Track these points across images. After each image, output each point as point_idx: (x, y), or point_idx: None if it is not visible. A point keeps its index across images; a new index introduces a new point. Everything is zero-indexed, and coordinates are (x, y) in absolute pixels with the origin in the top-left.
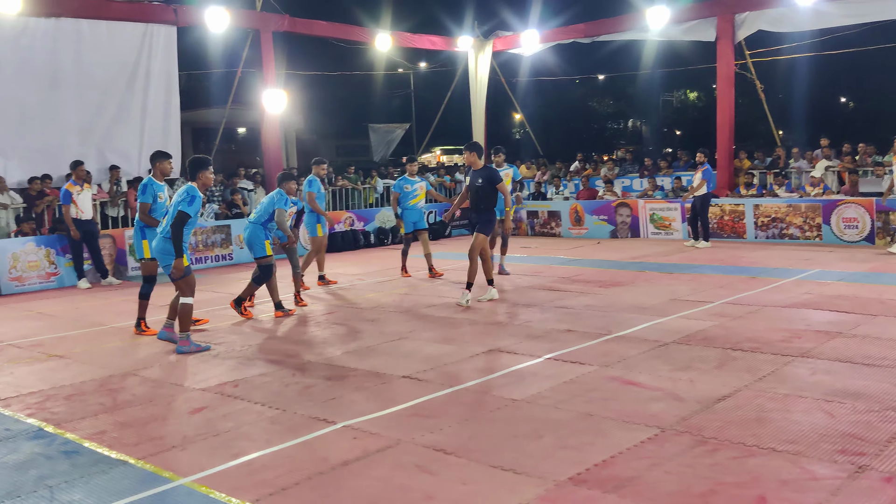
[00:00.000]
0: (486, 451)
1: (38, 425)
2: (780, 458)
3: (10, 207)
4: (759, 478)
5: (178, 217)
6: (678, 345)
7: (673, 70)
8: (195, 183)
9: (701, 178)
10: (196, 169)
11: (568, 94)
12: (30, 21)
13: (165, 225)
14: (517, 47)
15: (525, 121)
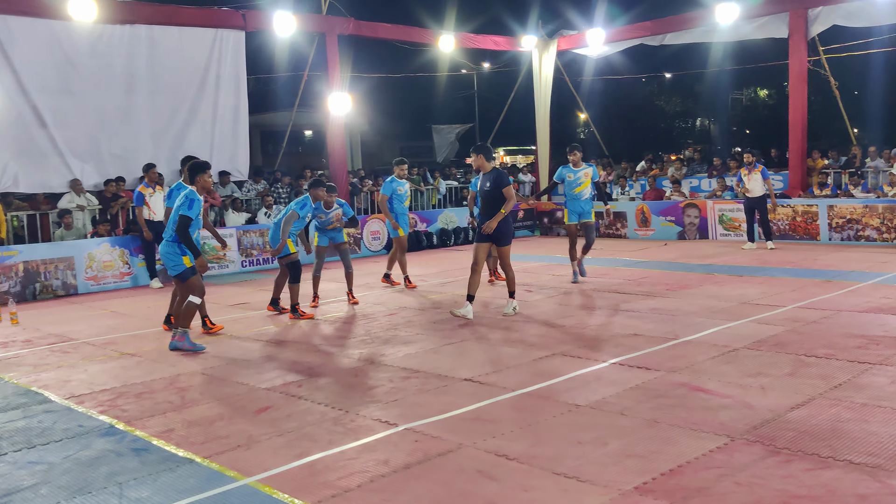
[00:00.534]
0: (550, 458)
1: (110, 422)
2: (858, 472)
3: (86, 209)
4: (834, 491)
5: (181, 221)
6: (749, 350)
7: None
8: (194, 186)
9: (762, 178)
10: (194, 173)
11: (634, 93)
12: (105, 28)
13: (169, 230)
14: (582, 47)
15: (590, 120)
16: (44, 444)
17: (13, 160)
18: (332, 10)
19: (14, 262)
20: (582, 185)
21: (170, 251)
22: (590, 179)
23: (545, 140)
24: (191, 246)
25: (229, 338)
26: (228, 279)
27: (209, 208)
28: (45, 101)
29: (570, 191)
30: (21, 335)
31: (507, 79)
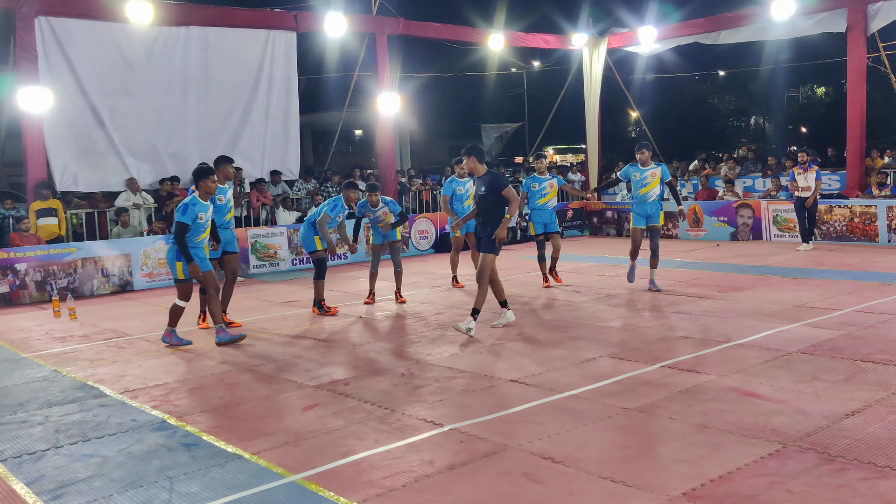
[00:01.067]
0: (596, 461)
1: (162, 417)
2: None
3: (142, 208)
4: (891, 502)
5: (176, 227)
6: (803, 355)
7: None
8: (196, 191)
9: (816, 179)
10: (197, 178)
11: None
12: (161, 30)
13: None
14: (633, 45)
15: (641, 119)
16: (98, 438)
17: (73, 160)
18: (382, 11)
19: (73, 259)
20: (648, 185)
21: (172, 254)
22: (658, 180)
23: (595, 138)
24: (184, 250)
25: (278, 335)
26: (279, 277)
27: (261, 207)
28: (104, 102)
29: (635, 192)
30: (79, 330)
31: (556, 77)
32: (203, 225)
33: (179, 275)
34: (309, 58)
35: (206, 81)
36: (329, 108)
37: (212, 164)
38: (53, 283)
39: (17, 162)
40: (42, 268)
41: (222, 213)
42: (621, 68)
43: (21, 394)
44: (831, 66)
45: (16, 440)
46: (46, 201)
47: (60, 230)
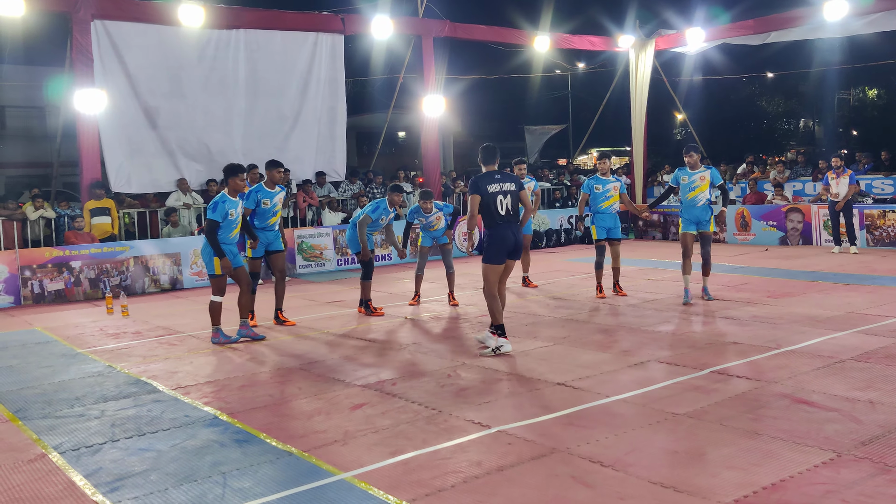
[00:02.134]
0: (645, 466)
1: (214, 413)
2: None
3: (192, 207)
4: None
5: (207, 225)
6: (856, 362)
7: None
8: (225, 189)
9: (849, 183)
10: (227, 175)
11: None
12: (213, 33)
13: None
14: (681, 46)
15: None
16: (153, 433)
17: (127, 161)
18: (429, 13)
19: (125, 258)
20: (697, 189)
21: (207, 250)
22: (707, 184)
23: (640, 141)
24: (216, 246)
25: (326, 335)
26: (325, 277)
27: (307, 208)
28: (157, 104)
29: (683, 196)
30: (131, 327)
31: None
32: (234, 222)
33: (217, 270)
34: (355, 60)
35: (255, 83)
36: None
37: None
38: (106, 281)
39: (72, 162)
40: (95, 266)
41: (266, 217)
42: (668, 70)
43: (77, 388)
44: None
45: (74, 433)
46: (100, 201)
47: (113, 229)
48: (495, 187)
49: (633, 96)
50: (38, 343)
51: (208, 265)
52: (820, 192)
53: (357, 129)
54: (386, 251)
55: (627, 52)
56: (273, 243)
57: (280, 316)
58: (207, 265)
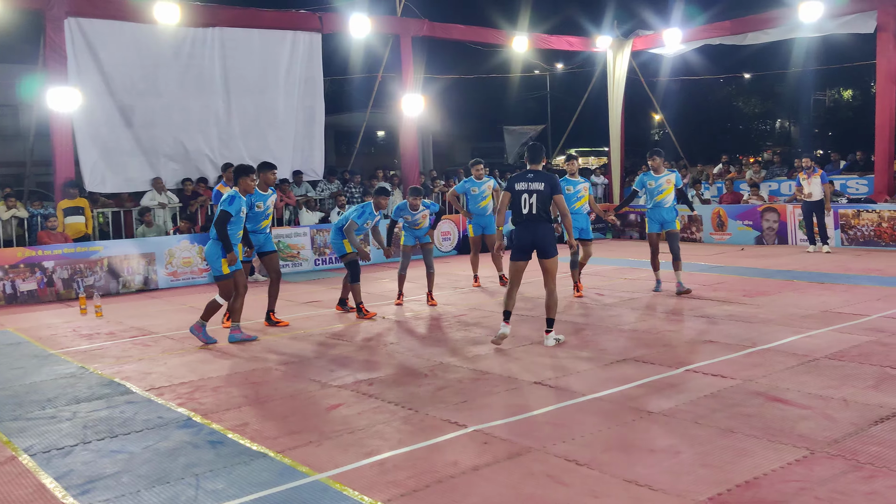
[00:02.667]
0: (621, 465)
1: (188, 415)
2: None
3: (167, 207)
4: None
5: (221, 216)
6: (830, 360)
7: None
8: (237, 187)
9: (820, 182)
10: (238, 175)
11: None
12: (189, 31)
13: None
14: (658, 47)
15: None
16: (125, 434)
17: (101, 160)
18: (407, 12)
19: (99, 257)
20: (664, 192)
21: (214, 251)
22: (672, 186)
23: (618, 142)
24: (226, 240)
25: (303, 334)
26: (302, 277)
27: (284, 207)
28: (132, 102)
29: (651, 200)
30: (105, 328)
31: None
32: (242, 220)
33: (224, 270)
34: (333, 59)
35: (232, 82)
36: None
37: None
38: (80, 281)
39: (45, 161)
40: (69, 266)
41: (258, 220)
42: (646, 71)
43: (49, 390)
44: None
45: (45, 435)
46: (74, 200)
47: (87, 229)
48: (523, 185)
49: (611, 97)
50: (10, 344)
51: (214, 266)
52: (795, 193)
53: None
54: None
55: (605, 52)
56: (265, 245)
57: (272, 317)
58: (213, 266)
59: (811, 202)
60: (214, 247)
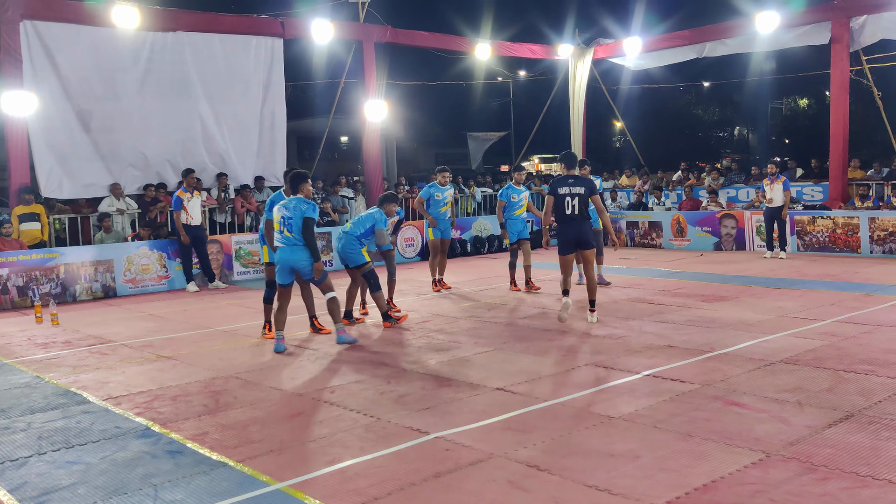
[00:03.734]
0: (581, 470)
1: (146, 424)
2: None
3: (126, 213)
4: None
5: (307, 223)
6: (786, 365)
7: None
8: (300, 194)
9: (783, 189)
10: (297, 182)
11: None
12: (148, 35)
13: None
14: (619, 56)
15: (626, 129)
16: (82, 445)
17: (58, 165)
18: (370, 18)
19: (55, 265)
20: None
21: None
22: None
23: (579, 148)
24: (314, 245)
25: (263, 343)
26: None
27: (245, 213)
28: (90, 107)
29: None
30: (61, 336)
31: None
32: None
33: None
34: (296, 64)
35: (193, 87)
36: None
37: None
38: (36, 289)
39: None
40: (24, 273)
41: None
42: (607, 79)
43: (3, 400)
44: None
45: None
46: (29, 206)
47: (43, 235)
48: (565, 189)
49: (573, 104)
50: None
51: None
52: (754, 199)
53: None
54: (327, 257)
55: (567, 60)
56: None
57: (316, 323)
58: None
59: (773, 208)
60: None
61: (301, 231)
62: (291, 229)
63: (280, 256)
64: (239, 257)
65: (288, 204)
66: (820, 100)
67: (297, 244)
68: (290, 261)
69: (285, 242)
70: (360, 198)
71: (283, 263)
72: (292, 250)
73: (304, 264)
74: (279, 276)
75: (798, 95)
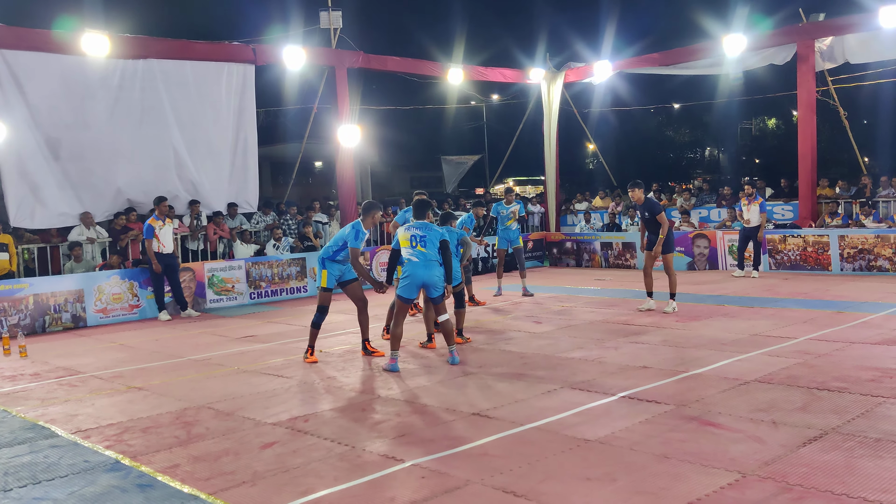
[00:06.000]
0: (558, 494)
1: (115, 457)
2: None
3: (96, 242)
4: None
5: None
6: (760, 384)
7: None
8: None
9: (760, 210)
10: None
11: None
12: (119, 63)
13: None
14: (590, 77)
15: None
16: (49, 480)
17: (29, 194)
18: (342, 44)
19: (24, 295)
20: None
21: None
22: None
23: (553, 170)
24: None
25: (236, 372)
26: (236, 312)
27: (218, 240)
28: (60, 135)
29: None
30: (29, 368)
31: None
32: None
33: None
34: (268, 90)
35: (164, 114)
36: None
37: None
38: (4, 320)
39: None
40: None
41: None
42: (579, 101)
43: None
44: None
45: None
46: None
47: (12, 266)
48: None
49: (546, 127)
50: None
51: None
52: (725, 219)
53: (271, 159)
54: (301, 283)
55: (539, 84)
56: (345, 274)
57: (368, 346)
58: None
59: (749, 228)
60: (439, 270)
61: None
62: (426, 245)
63: (413, 271)
64: (212, 285)
65: (416, 225)
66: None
67: (431, 260)
68: (424, 276)
69: (420, 258)
70: (335, 223)
71: (416, 280)
72: (427, 266)
73: (436, 279)
74: (407, 291)
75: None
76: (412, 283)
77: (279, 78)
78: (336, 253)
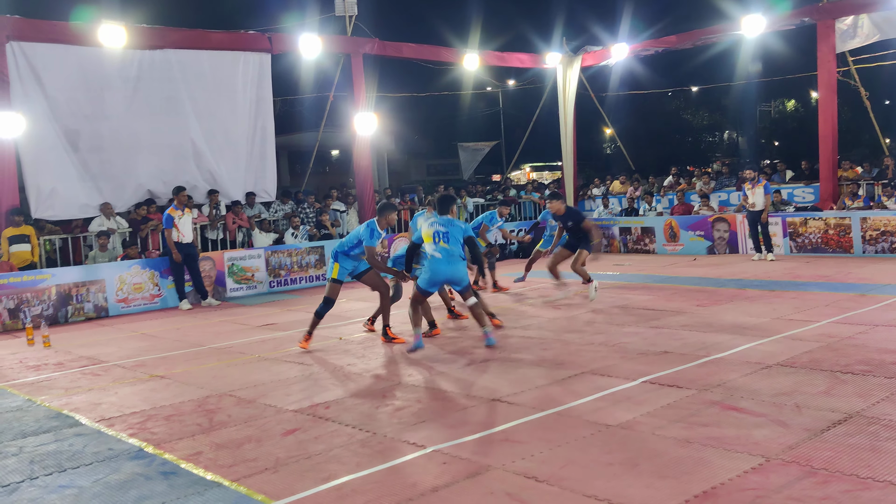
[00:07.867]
0: (580, 480)
1: (139, 445)
2: None
3: (116, 232)
4: None
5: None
6: (782, 367)
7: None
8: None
9: (764, 193)
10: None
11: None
12: (136, 54)
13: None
14: (606, 60)
15: (616, 135)
16: (74, 468)
17: (49, 186)
18: (357, 31)
19: (46, 286)
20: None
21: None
22: None
23: (570, 156)
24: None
25: (257, 359)
26: (256, 300)
27: (237, 229)
28: (79, 126)
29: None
30: (53, 358)
31: (532, 95)
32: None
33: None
34: (284, 79)
35: (182, 104)
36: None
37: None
38: (27, 311)
39: None
40: (15, 295)
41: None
42: (595, 86)
43: None
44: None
45: None
46: (19, 228)
47: (34, 257)
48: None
49: (562, 112)
50: None
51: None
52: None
53: (288, 148)
54: (320, 271)
55: (555, 68)
56: (359, 266)
57: (389, 333)
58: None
59: (755, 212)
60: (462, 265)
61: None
62: (449, 241)
63: (437, 268)
64: (232, 273)
65: (440, 221)
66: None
67: (455, 255)
68: (448, 273)
69: (443, 253)
70: (353, 211)
71: (439, 276)
72: (450, 262)
73: (461, 275)
74: (429, 285)
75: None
76: (435, 279)
77: (295, 66)
78: (351, 249)
